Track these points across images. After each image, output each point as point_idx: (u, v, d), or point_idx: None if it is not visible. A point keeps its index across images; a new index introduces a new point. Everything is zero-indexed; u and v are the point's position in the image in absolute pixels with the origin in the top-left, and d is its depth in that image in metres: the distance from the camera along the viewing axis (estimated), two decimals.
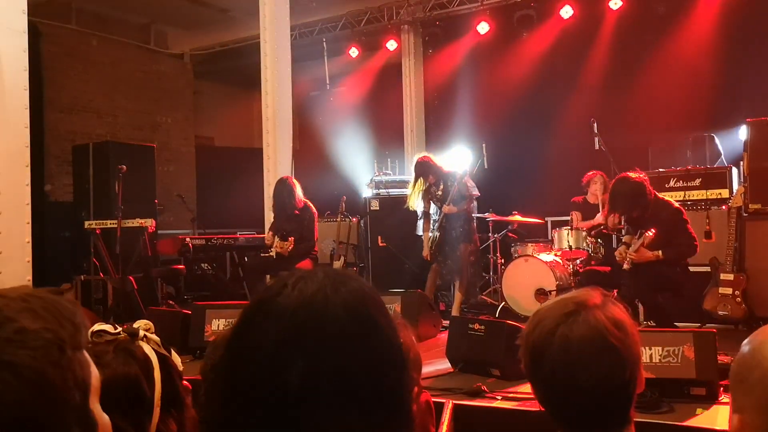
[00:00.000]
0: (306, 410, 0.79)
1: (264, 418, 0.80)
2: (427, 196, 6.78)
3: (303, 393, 0.79)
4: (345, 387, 0.80)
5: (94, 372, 0.93)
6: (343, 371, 0.80)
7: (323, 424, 0.79)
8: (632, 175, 5.04)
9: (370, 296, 0.87)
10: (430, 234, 6.68)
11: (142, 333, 1.35)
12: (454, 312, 6.55)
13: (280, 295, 0.85)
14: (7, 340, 0.84)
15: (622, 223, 5.37)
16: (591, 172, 7.01)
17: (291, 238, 6.25)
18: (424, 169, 6.74)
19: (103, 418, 0.94)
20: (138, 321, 1.41)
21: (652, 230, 4.77)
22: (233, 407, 0.82)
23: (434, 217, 6.75)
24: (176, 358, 1.43)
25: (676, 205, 5.06)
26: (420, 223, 6.99)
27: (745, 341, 1.17)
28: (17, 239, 5.17)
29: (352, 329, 0.83)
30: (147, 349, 1.33)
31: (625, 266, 5.05)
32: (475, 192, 6.83)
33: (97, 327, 1.35)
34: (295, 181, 6.67)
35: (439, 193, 6.69)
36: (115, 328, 1.35)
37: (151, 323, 1.41)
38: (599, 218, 6.49)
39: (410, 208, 6.98)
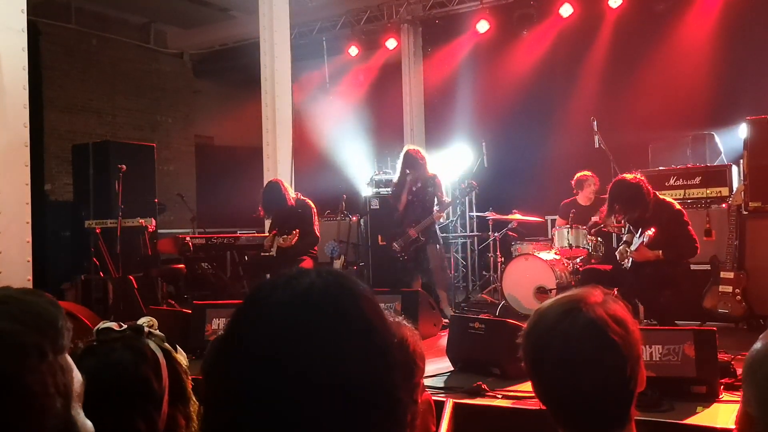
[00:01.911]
0: (300, 411, 0.78)
1: (258, 420, 0.79)
2: (404, 187, 6.76)
3: (297, 394, 0.78)
4: (339, 388, 0.79)
5: (77, 377, 0.90)
6: (336, 372, 0.79)
7: (318, 425, 0.78)
8: (628, 176, 5.03)
9: (363, 296, 0.86)
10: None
11: (146, 329, 1.35)
12: (446, 308, 6.59)
13: (271, 297, 0.84)
14: None
15: (623, 222, 5.36)
16: (581, 174, 6.99)
17: (295, 231, 6.26)
18: (410, 162, 6.74)
19: (87, 425, 0.91)
20: (142, 318, 1.40)
21: (653, 229, 4.77)
22: (228, 409, 0.81)
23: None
24: (181, 354, 1.42)
25: (678, 206, 5.05)
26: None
27: (762, 336, 1.22)
28: (17, 239, 5.17)
29: (345, 330, 0.82)
30: (152, 345, 1.32)
31: (626, 264, 5.05)
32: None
33: (102, 325, 1.35)
34: (286, 184, 6.72)
35: (414, 189, 6.69)
36: (120, 326, 1.34)
37: (154, 320, 1.41)
38: (595, 220, 6.49)
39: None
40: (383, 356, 0.84)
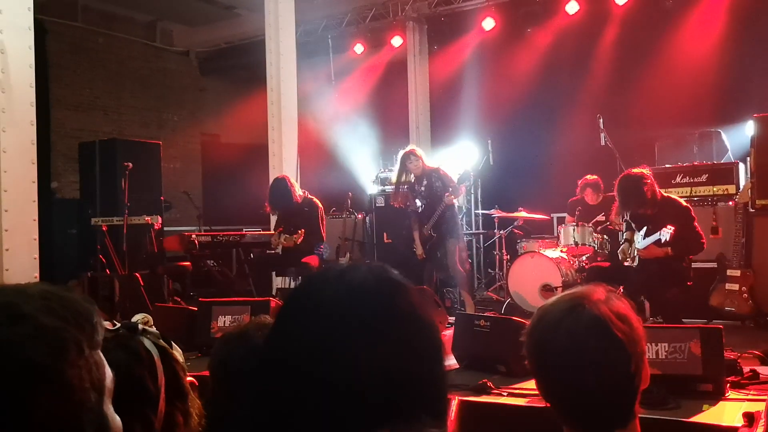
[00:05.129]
0: (353, 404, 0.79)
1: (309, 414, 0.79)
2: (412, 192, 6.63)
3: (350, 386, 0.78)
4: (391, 381, 0.79)
5: (108, 373, 0.92)
6: (389, 365, 0.80)
7: (371, 417, 0.79)
8: (635, 170, 5.04)
9: (412, 292, 0.87)
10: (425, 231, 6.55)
11: (141, 327, 1.33)
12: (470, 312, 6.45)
13: (324, 290, 0.84)
14: (27, 337, 0.82)
15: (625, 218, 5.34)
16: (582, 179, 6.99)
17: (301, 231, 6.22)
18: (403, 163, 6.57)
19: (116, 420, 0.92)
20: (136, 315, 1.39)
21: (671, 227, 4.69)
22: (271, 405, 0.81)
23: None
24: (177, 350, 1.41)
25: (684, 203, 5.04)
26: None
27: None
28: (24, 236, 5.20)
29: (399, 325, 0.83)
30: (147, 343, 1.30)
31: (628, 263, 5.03)
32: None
33: None
34: (293, 180, 6.70)
35: (422, 189, 6.52)
36: (114, 325, 1.32)
37: (149, 317, 1.39)
38: (599, 218, 6.50)
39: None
40: (432, 352, 0.85)
